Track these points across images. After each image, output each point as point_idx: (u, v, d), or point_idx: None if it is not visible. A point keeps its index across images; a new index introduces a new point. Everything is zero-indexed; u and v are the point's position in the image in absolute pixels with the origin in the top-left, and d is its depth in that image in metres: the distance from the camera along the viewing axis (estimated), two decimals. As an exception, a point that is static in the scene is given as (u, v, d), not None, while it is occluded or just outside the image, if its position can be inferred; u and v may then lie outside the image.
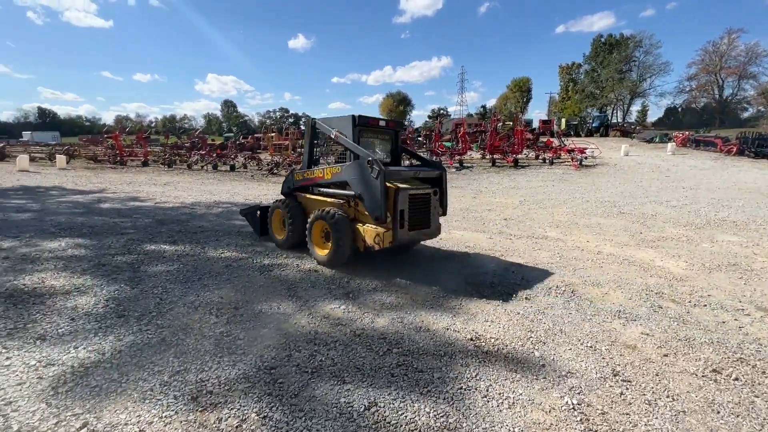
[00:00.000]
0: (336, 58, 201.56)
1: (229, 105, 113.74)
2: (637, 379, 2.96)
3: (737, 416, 2.57)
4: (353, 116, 5.46)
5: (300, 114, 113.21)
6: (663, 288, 4.94)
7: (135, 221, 7.93)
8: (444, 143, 26.48)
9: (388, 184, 5.04)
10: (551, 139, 27.36)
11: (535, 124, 41.11)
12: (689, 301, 4.54)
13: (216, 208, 10.04)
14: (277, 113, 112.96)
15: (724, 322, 4.01)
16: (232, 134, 53.78)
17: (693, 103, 67.36)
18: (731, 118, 61.02)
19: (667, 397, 2.74)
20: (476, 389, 2.76)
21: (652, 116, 74.18)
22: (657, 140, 33.18)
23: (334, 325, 3.70)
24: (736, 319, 4.09)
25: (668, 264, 5.95)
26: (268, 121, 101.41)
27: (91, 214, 8.60)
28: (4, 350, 3.03)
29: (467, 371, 2.97)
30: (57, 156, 21.39)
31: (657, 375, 3.01)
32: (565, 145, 23.12)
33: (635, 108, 71.64)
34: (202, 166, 21.45)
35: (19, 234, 6.43)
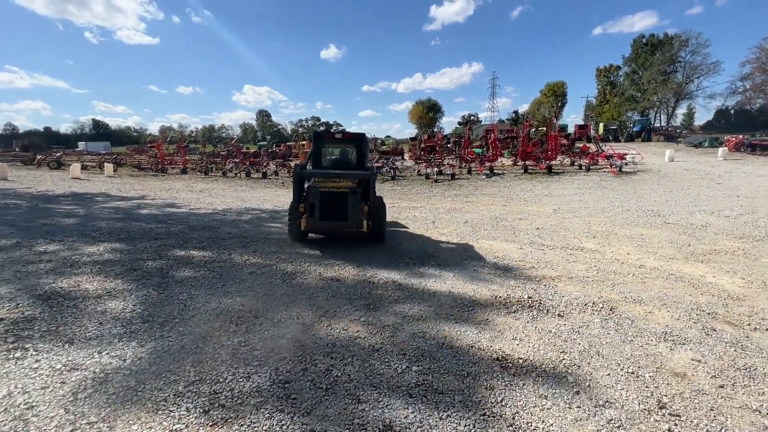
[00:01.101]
0: (366, 67, 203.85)
1: (263, 115, 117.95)
2: (688, 413, 2.62)
3: (814, 466, 2.19)
4: (315, 132, 7.58)
5: (331, 122, 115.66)
6: (716, 308, 4.46)
7: (169, 227, 8.23)
8: (474, 149, 25.99)
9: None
10: (588, 145, 26.18)
11: (571, 129, 39.46)
12: (748, 324, 4.05)
13: (246, 215, 10.28)
14: (309, 122, 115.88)
15: (792, 350, 3.53)
16: (264, 142, 55.62)
17: (747, 104, 62.45)
18: (791, 120, 55.83)
19: (725, 437, 2.40)
20: (501, 416, 2.53)
21: (700, 119, 69.53)
22: (706, 144, 30.93)
23: (352, 338, 3.58)
24: (806, 347, 3.59)
25: (722, 281, 5.39)
26: (300, 129, 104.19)
27: (129, 219, 9.04)
28: (35, 353, 3.15)
29: (492, 395, 2.75)
30: (105, 164, 22.90)
31: (712, 410, 2.65)
32: (603, 151, 21.99)
33: (681, 111, 67.41)
34: (236, 174, 22.22)
35: (63, 238, 6.82)
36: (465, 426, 2.43)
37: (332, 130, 7.89)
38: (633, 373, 3.09)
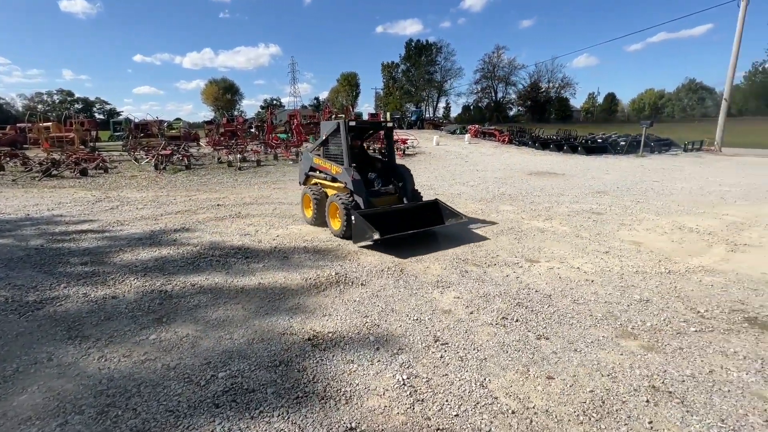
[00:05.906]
0: (136, 32, 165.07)
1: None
2: (452, 339, 3.40)
3: (518, 351, 3.24)
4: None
5: (92, 99, 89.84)
6: (468, 255, 5.92)
7: None
8: (278, 135, 25.49)
9: None
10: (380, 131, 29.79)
11: (365, 117, 44.15)
12: (485, 263, 5.58)
13: (-60, 232, 6.87)
14: (55, 96, 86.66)
15: (507, 276, 5.07)
16: (-27, 124, 38.31)
17: (479, 102, 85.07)
18: (503, 116, 79.78)
19: (474, 349, 3.24)
20: (313, 393, 2.63)
21: (454, 112, 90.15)
22: (458, 132, 40.41)
23: (138, 363, 2.97)
24: (514, 272, 5.23)
25: (471, 233, 7.20)
26: (39, 106, 76.68)
27: None
28: None
29: (304, 376, 2.82)
30: None
31: (467, 332, 3.54)
32: (391, 136, 25.53)
33: (441, 105, 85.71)
34: None
35: None
36: (278, 415, 2.41)
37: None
38: (417, 319, 3.77)
